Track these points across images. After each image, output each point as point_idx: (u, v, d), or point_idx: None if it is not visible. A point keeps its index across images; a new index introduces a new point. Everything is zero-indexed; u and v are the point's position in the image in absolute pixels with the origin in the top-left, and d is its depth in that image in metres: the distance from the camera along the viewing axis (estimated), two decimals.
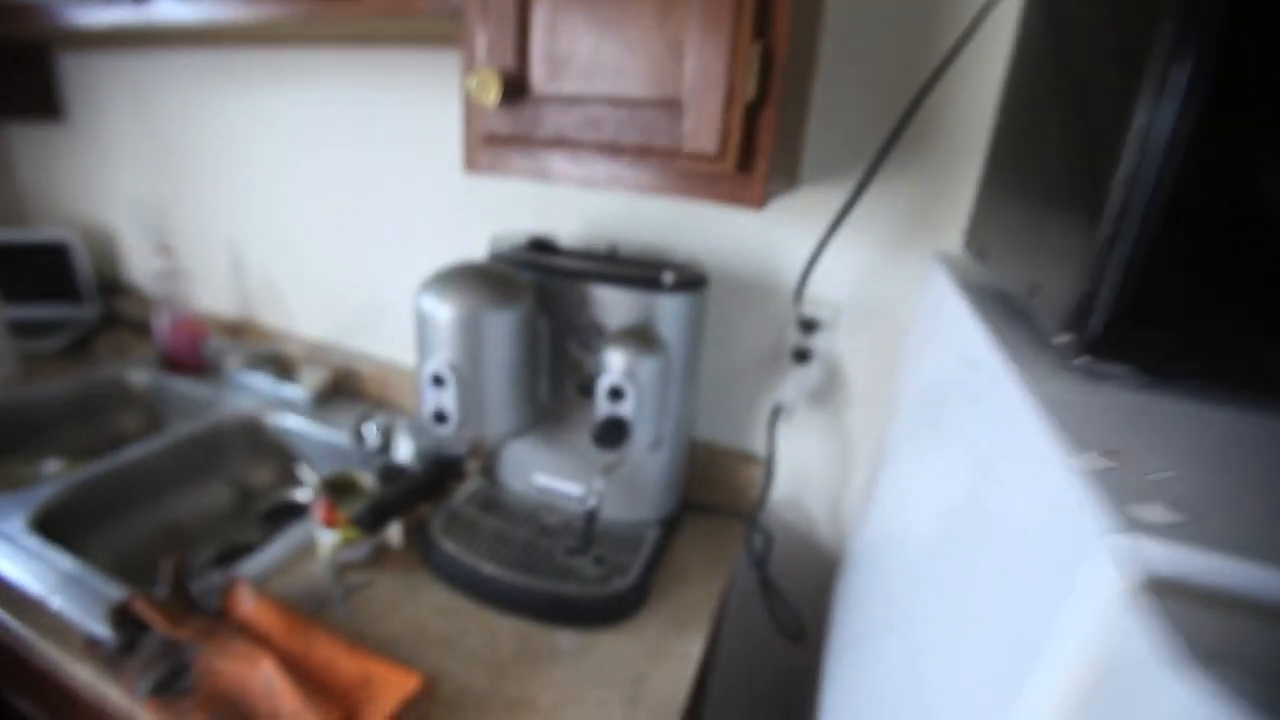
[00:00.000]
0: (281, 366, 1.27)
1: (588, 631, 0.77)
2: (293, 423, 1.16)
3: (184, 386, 1.25)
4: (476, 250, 1.06)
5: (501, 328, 0.69)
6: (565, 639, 0.75)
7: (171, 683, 0.63)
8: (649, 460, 0.85)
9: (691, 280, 0.78)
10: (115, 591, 0.74)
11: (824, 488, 1.00)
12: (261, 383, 1.24)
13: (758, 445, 1.03)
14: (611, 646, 0.75)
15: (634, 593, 0.78)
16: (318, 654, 0.67)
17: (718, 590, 0.86)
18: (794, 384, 0.92)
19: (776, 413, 0.92)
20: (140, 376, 1.29)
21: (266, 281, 1.34)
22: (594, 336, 0.78)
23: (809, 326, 0.92)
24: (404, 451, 0.90)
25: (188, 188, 1.38)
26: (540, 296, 0.76)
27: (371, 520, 0.61)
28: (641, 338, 0.71)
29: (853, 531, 0.99)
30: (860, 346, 0.92)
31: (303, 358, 1.27)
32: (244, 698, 0.62)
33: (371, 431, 1.08)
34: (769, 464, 0.95)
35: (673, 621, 0.80)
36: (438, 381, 0.68)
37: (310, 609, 0.75)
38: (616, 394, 0.69)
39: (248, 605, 0.71)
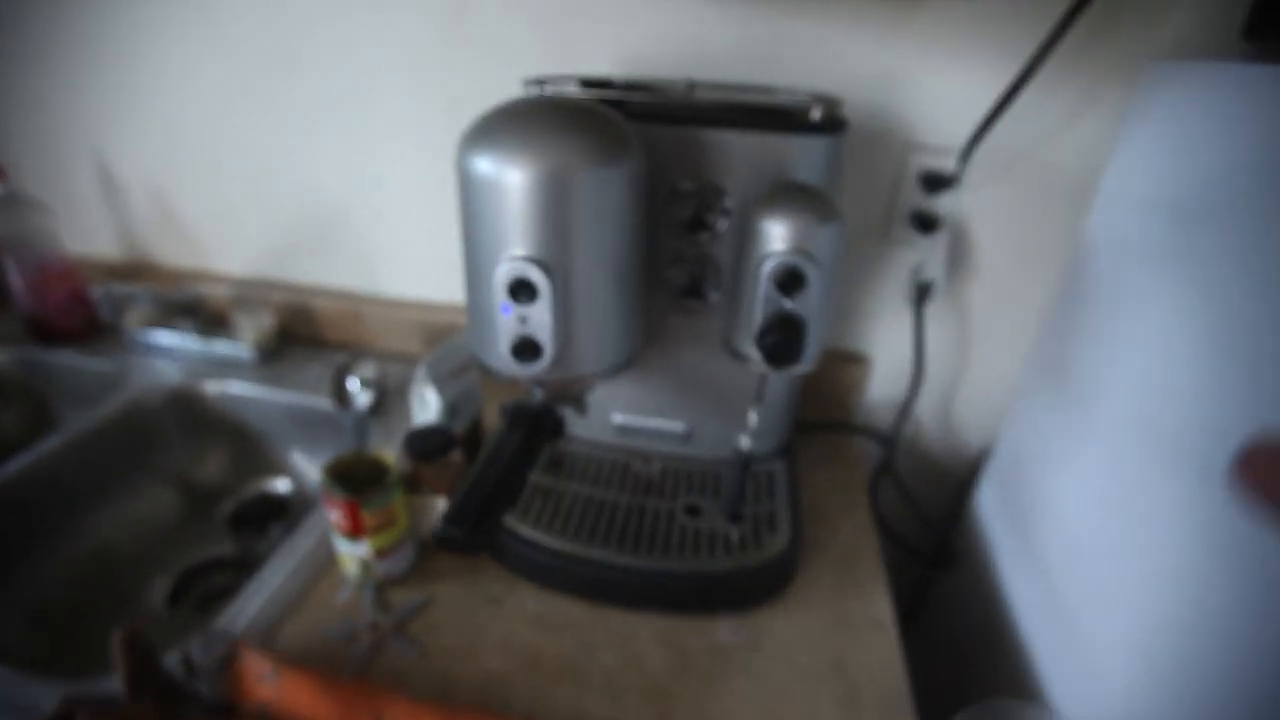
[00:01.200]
0: (205, 317, 0.94)
1: (745, 614, 0.57)
2: (239, 389, 0.86)
3: (70, 361, 0.91)
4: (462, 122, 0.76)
5: (611, 195, 0.43)
6: (724, 630, 0.55)
7: None
8: (774, 378, 0.62)
9: (837, 119, 0.53)
10: (46, 694, 0.48)
11: (936, 385, 0.82)
12: (181, 342, 0.92)
13: (860, 341, 0.82)
14: (785, 629, 0.56)
15: (793, 552, 0.58)
16: None
17: (869, 528, 0.67)
18: (937, 255, 0.70)
19: (924, 291, 0.71)
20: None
21: (159, 207, 0.98)
22: (711, 205, 0.53)
23: (935, 183, 0.69)
24: (430, 407, 0.64)
25: (24, 84, 0.96)
26: None
27: (472, 531, 0.37)
28: (810, 198, 0.47)
29: (980, 434, 0.82)
30: (991, 204, 0.70)
31: (232, 302, 0.95)
32: None
33: (357, 386, 0.80)
34: (917, 360, 0.75)
35: (843, 578, 0.61)
36: (521, 293, 0.42)
37: (359, 659, 0.51)
38: (794, 281, 0.45)
39: (269, 685, 0.46)
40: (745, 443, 0.52)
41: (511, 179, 0.41)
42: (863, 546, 0.65)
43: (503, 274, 0.43)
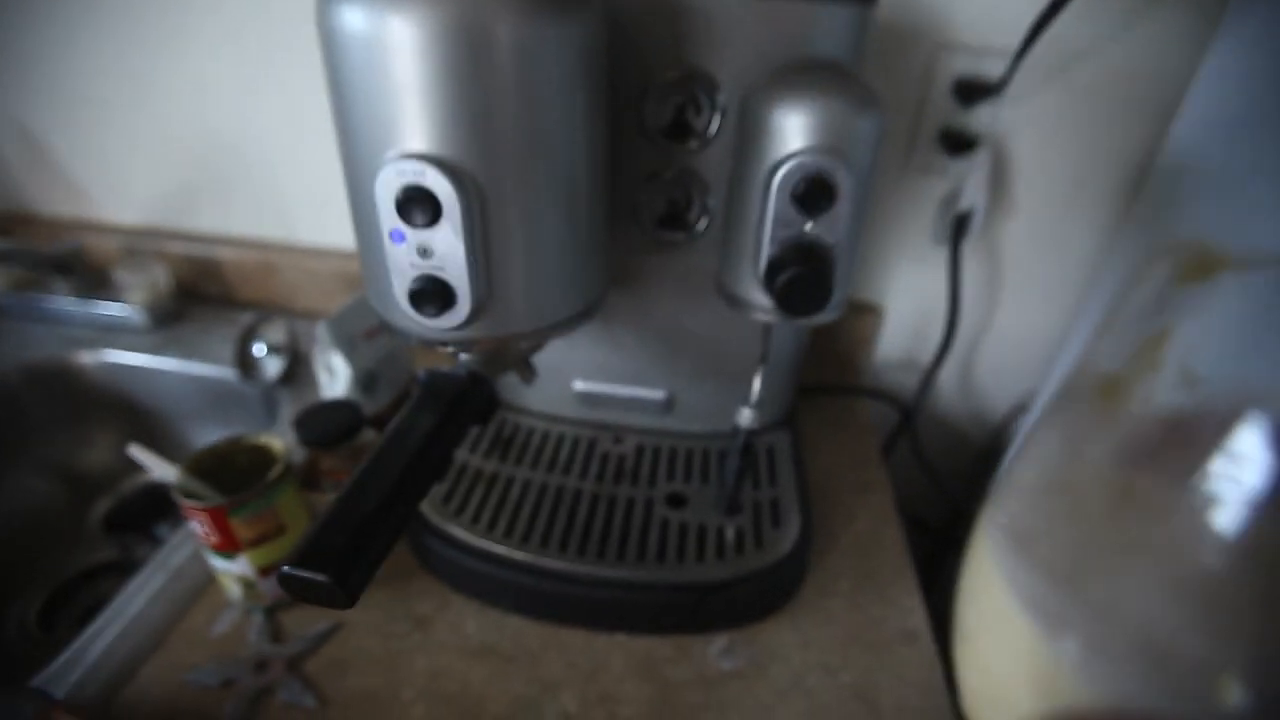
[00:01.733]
0: (87, 275, 0.78)
1: (743, 629, 0.45)
2: (126, 359, 0.71)
3: None
4: None
5: (554, 64, 0.29)
6: (717, 653, 0.43)
7: None
8: (777, 330, 0.49)
9: None
10: None
11: (958, 341, 0.69)
12: (57, 305, 0.76)
13: (870, 288, 0.69)
14: (794, 648, 0.44)
15: (803, 550, 0.46)
16: None
17: (889, 511, 0.56)
18: (979, 177, 0.57)
19: (961, 224, 0.58)
20: None
21: (26, 146, 0.81)
22: (698, 101, 0.39)
23: (972, 93, 0.56)
24: (339, 377, 0.50)
25: None
26: None
27: (338, 575, 0.24)
28: (841, 78, 0.33)
29: (1011, 394, 0.71)
30: (1036, 120, 0.57)
31: (118, 256, 0.79)
32: None
33: (263, 351, 0.66)
34: (952, 309, 0.62)
35: (863, 579, 0.49)
36: (416, 210, 0.28)
37: (235, 715, 0.38)
38: (821, 194, 0.31)
39: None
40: (747, 417, 0.40)
41: (396, 34, 0.27)
42: (884, 536, 0.53)
43: (387, 182, 0.28)
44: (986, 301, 0.67)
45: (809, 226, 0.33)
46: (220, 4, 0.65)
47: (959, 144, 0.58)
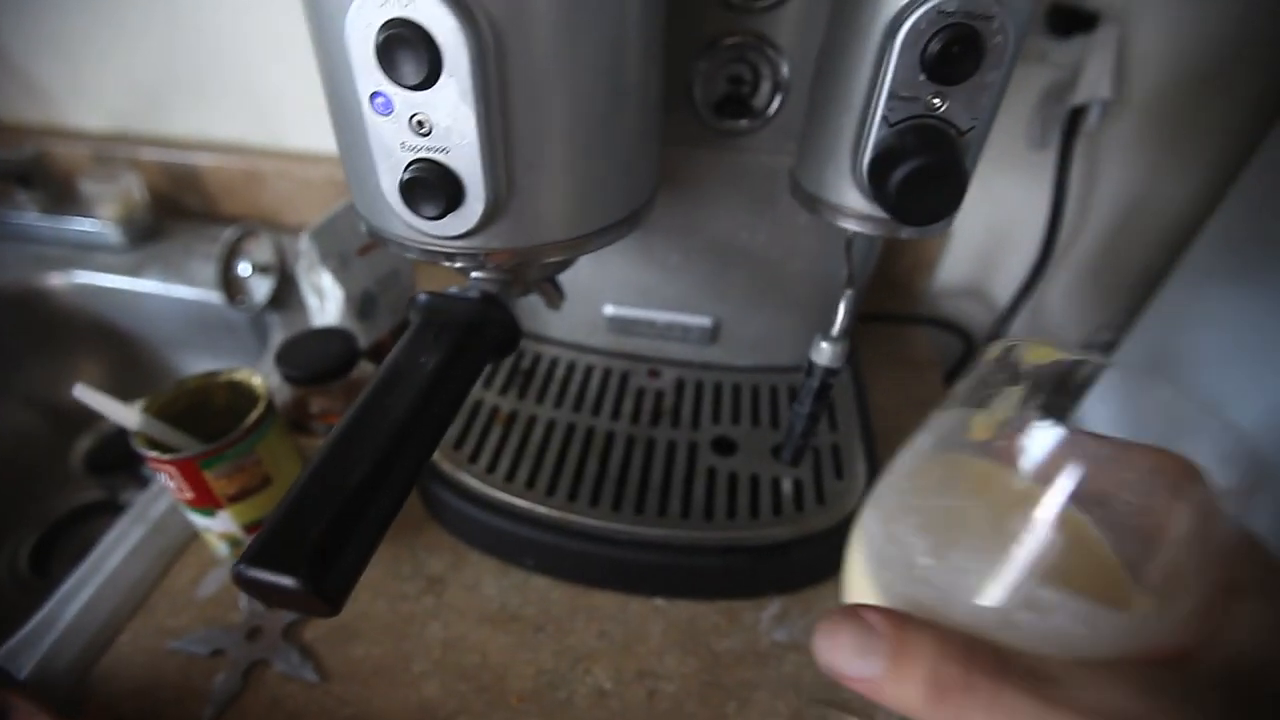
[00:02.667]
0: (52, 188, 0.70)
1: (800, 592, 0.39)
2: (101, 280, 0.64)
3: None
4: None
5: None
6: (769, 622, 0.37)
7: None
8: (833, 244, 0.41)
9: None
10: None
11: (1028, 262, 0.61)
12: (21, 220, 0.68)
13: None
14: None
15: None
16: None
17: None
18: (1104, 60, 0.46)
19: (1076, 121, 0.48)
20: None
21: None
22: None
23: None
24: (330, 300, 0.43)
25: None
26: None
27: (306, 571, 0.18)
28: None
29: (1101, 329, 0.62)
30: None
31: (87, 164, 0.71)
32: None
33: (248, 271, 0.59)
34: (1053, 224, 0.53)
35: None
36: (403, 56, 0.20)
37: (222, 695, 0.33)
38: (967, 51, 0.23)
39: None
40: (826, 354, 0.32)
41: None
42: None
43: (361, 19, 0.20)
44: (1081, 220, 0.58)
45: (938, 102, 0.24)
46: None
47: (1073, 22, 0.48)
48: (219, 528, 0.36)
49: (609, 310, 0.45)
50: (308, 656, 0.35)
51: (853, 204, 0.28)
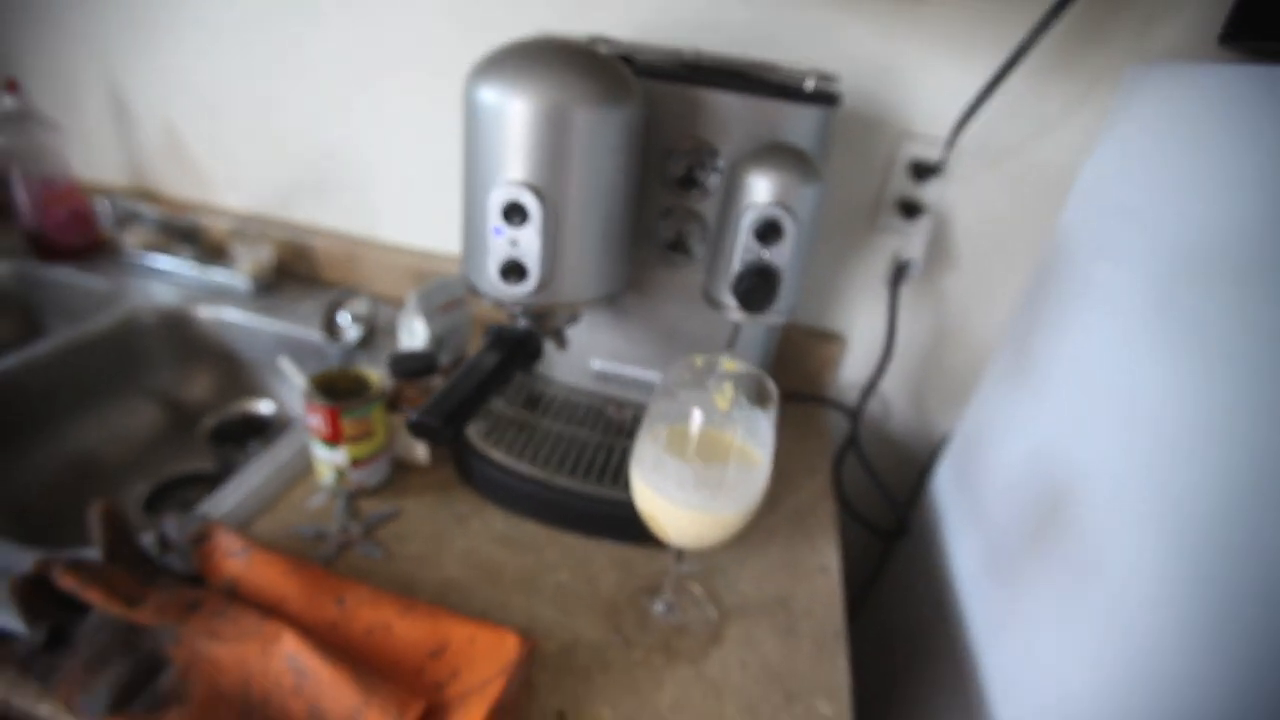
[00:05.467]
0: (205, 246, 0.97)
1: (702, 553, 0.60)
2: (233, 316, 0.88)
3: (68, 277, 0.93)
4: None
5: (607, 135, 0.46)
6: (676, 561, 0.58)
7: (141, 687, 0.42)
8: (748, 336, 0.65)
9: (830, 93, 0.56)
10: (21, 560, 0.50)
11: (906, 367, 0.85)
12: (179, 267, 0.94)
13: (838, 321, 0.85)
14: (736, 566, 0.59)
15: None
16: (360, 619, 0.46)
17: (827, 491, 0.70)
18: (919, 238, 0.74)
19: (901, 272, 0.74)
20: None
21: (169, 138, 1.00)
22: (703, 163, 0.56)
23: (923, 172, 0.73)
24: (418, 336, 0.67)
25: (39, 4, 0.98)
26: None
27: (446, 420, 0.40)
28: (796, 158, 0.50)
29: (946, 418, 0.86)
30: (975, 196, 0.74)
31: (231, 233, 0.97)
32: (261, 695, 0.42)
33: (347, 320, 0.83)
34: (889, 337, 0.78)
35: (796, 530, 0.64)
36: (514, 215, 0.45)
37: (325, 556, 0.54)
38: (771, 231, 0.48)
39: (238, 560, 0.48)
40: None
41: (514, 108, 0.44)
42: (819, 505, 0.68)
43: (498, 196, 0.45)
44: (932, 339, 0.83)
45: (764, 253, 0.50)
46: (337, 28, 0.84)
47: (912, 211, 0.75)
48: (336, 459, 0.57)
49: (595, 365, 0.69)
50: (378, 545, 0.55)
51: (729, 301, 0.52)
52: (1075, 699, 0.45)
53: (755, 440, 0.43)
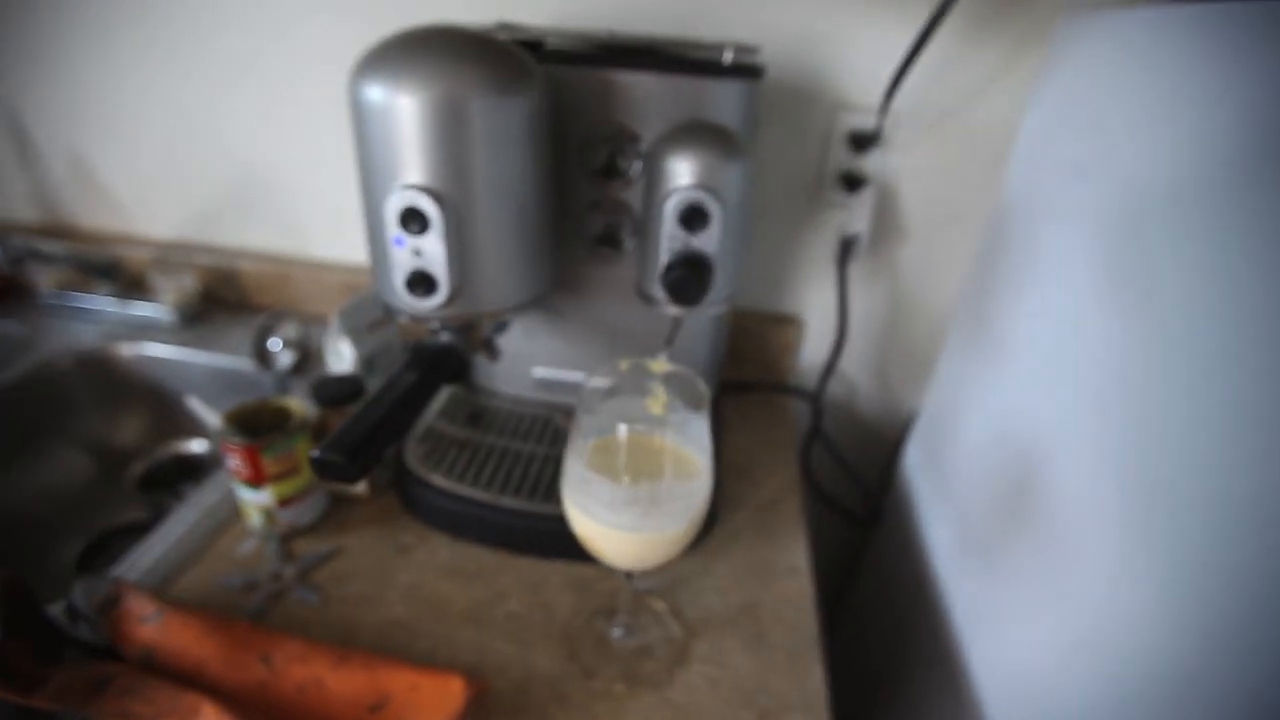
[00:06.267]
0: (125, 279, 0.91)
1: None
2: (158, 351, 0.83)
3: None
4: None
5: (509, 126, 0.42)
6: (636, 577, 0.55)
7: None
8: (692, 329, 0.62)
9: (752, 65, 0.53)
10: None
11: (866, 346, 0.83)
12: (99, 304, 0.88)
13: (792, 303, 0.83)
14: (699, 576, 0.56)
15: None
16: (290, 676, 0.43)
17: (794, 484, 0.68)
18: (863, 211, 0.71)
19: (847, 248, 0.72)
20: None
21: (77, 169, 0.94)
22: (625, 150, 0.52)
23: (862, 142, 0.70)
24: (345, 358, 0.63)
25: None
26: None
27: (351, 455, 0.36)
28: (716, 136, 0.46)
29: (913, 396, 0.84)
30: (918, 164, 0.71)
31: (152, 264, 0.92)
32: None
33: (278, 345, 0.78)
34: (841, 318, 0.75)
35: (761, 530, 0.61)
36: (412, 222, 0.41)
37: (255, 608, 0.50)
38: (696, 216, 0.45)
39: (151, 625, 0.44)
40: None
41: (402, 105, 0.40)
42: (785, 501, 0.65)
43: (394, 203, 0.42)
44: (889, 314, 0.80)
45: (692, 241, 0.46)
46: (245, 44, 0.79)
47: (855, 184, 0.72)
48: (260, 500, 0.53)
49: (537, 373, 0.66)
50: (313, 590, 0.52)
51: (661, 296, 0.49)
52: (1060, 690, 0.42)
53: (693, 445, 0.40)
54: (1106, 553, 0.40)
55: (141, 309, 0.87)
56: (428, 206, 0.41)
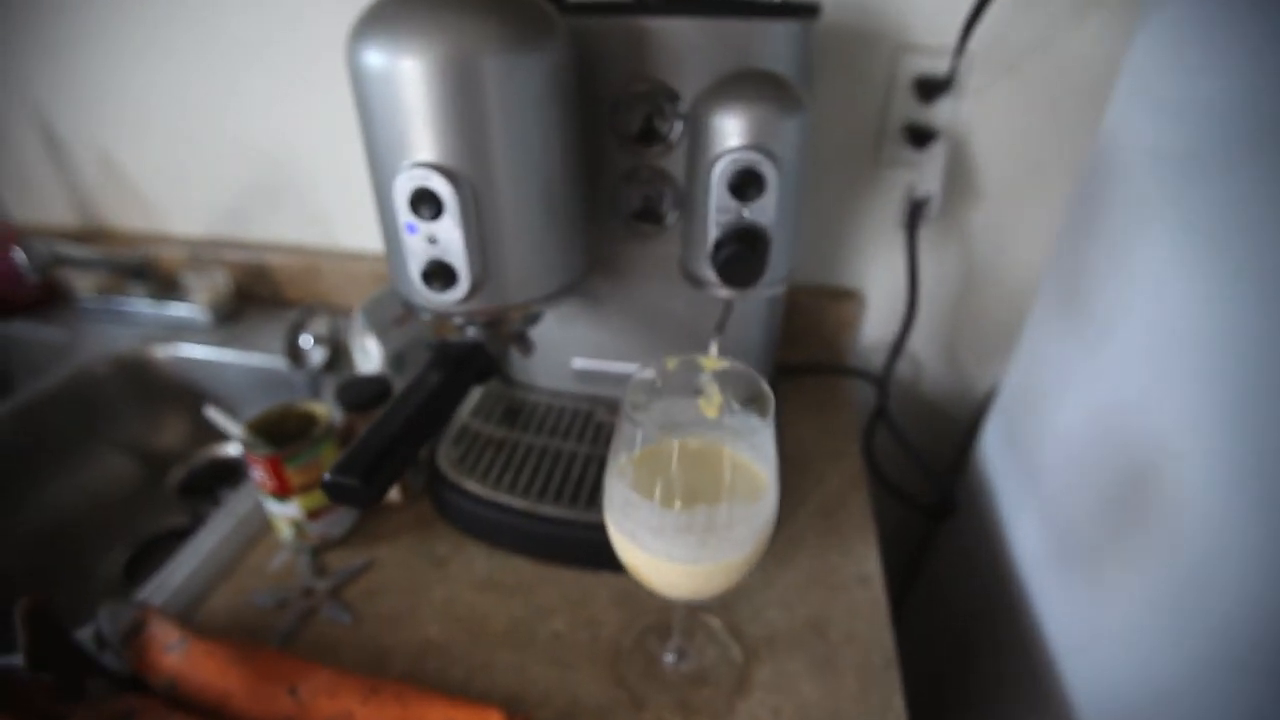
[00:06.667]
0: (159, 280, 0.89)
1: None
2: (193, 352, 0.81)
3: (20, 332, 0.87)
4: None
5: (529, 86, 0.37)
6: None
7: None
8: (744, 310, 0.56)
9: (806, 2, 0.45)
10: None
11: (934, 320, 0.75)
12: (135, 306, 0.87)
13: (851, 275, 0.75)
14: (759, 588, 0.50)
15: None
16: (318, 710, 0.39)
17: (859, 477, 0.61)
18: (934, 168, 0.63)
19: (917, 211, 0.64)
20: None
21: (107, 169, 0.93)
22: (663, 110, 0.46)
23: (930, 90, 0.62)
24: (372, 357, 0.59)
25: None
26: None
27: (365, 476, 0.32)
28: (770, 85, 0.39)
29: (986, 374, 0.76)
30: (996, 111, 0.63)
31: (185, 263, 0.90)
32: None
33: (310, 343, 0.75)
34: (911, 290, 0.67)
35: (827, 532, 0.55)
36: (424, 206, 0.36)
37: (286, 630, 0.47)
38: (750, 183, 0.38)
39: (174, 655, 0.42)
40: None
41: (405, 69, 0.35)
42: (850, 498, 0.59)
43: (402, 185, 0.36)
44: (961, 283, 0.72)
45: (745, 212, 0.40)
46: (256, 32, 0.75)
47: (922, 138, 0.64)
48: (289, 513, 0.50)
49: (576, 364, 0.60)
50: (346, 608, 0.48)
51: (711, 278, 0.43)
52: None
53: (755, 454, 0.34)
54: (1239, 587, 0.33)
55: (177, 309, 0.86)
56: (440, 187, 0.36)
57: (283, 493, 0.49)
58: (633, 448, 0.32)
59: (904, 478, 0.79)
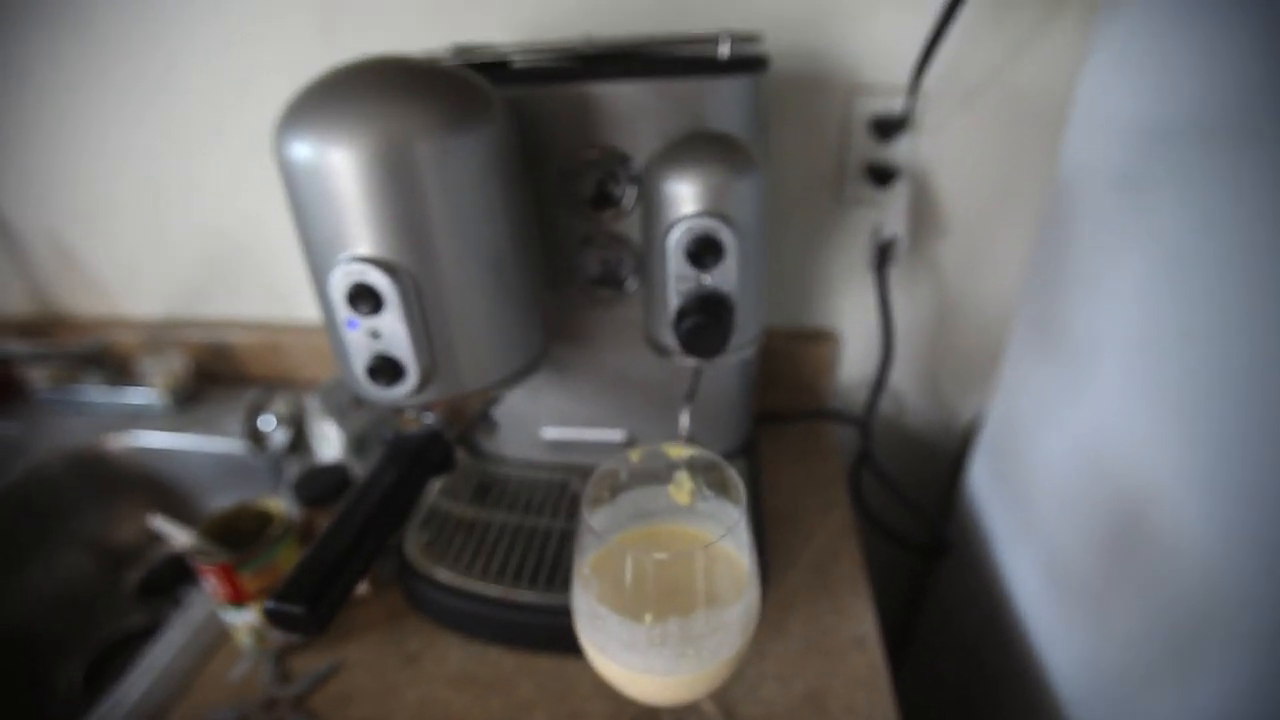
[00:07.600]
0: (115, 366, 0.86)
1: None
2: (151, 440, 0.78)
3: None
4: None
5: (468, 167, 0.35)
6: None
7: None
8: (717, 368, 0.54)
9: (754, 56, 0.45)
10: None
11: (911, 355, 0.74)
12: (91, 395, 0.84)
13: (825, 316, 0.74)
14: (752, 662, 0.48)
15: (763, 569, 0.50)
16: None
17: (848, 527, 0.59)
18: (898, 207, 0.62)
19: (885, 252, 0.63)
20: None
21: (58, 252, 0.90)
22: (615, 174, 0.45)
23: (887, 128, 0.61)
24: (332, 442, 0.56)
25: None
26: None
27: (311, 601, 0.29)
28: (721, 147, 0.38)
29: (969, 405, 0.74)
30: (954, 145, 0.63)
31: (141, 346, 0.87)
32: None
33: (271, 424, 0.72)
34: (885, 330, 0.66)
35: (818, 592, 0.53)
36: (362, 302, 0.34)
37: None
38: (707, 250, 0.37)
39: None
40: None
41: (335, 162, 0.33)
42: (841, 551, 0.57)
43: (338, 281, 0.35)
44: (935, 317, 0.71)
45: (705, 279, 0.39)
46: (207, 109, 0.74)
47: (884, 176, 0.64)
48: (246, 620, 0.47)
49: (547, 433, 0.58)
50: (311, 719, 0.45)
51: (674, 345, 0.41)
52: None
53: (732, 539, 0.32)
54: (1243, 612, 0.31)
55: (134, 395, 0.83)
56: (379, 280, 0.34)
57: (238, 600, 0.46)
58: (595, 552, 0.30)
59: (894, 516, 0.77)
